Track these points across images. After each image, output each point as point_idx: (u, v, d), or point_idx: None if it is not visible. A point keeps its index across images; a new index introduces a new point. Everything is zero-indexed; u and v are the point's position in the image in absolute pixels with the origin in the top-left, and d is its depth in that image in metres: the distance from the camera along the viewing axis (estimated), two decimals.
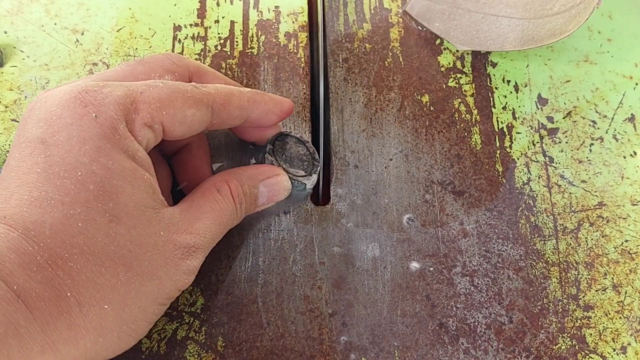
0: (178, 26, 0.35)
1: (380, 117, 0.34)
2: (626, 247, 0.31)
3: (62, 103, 0.23)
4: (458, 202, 0.32)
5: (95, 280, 0.21)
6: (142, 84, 0.24)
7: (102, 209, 0.22)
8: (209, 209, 0.26)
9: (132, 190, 0.23)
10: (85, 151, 0.22)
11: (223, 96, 0.26)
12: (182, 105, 0.25)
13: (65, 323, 0.20)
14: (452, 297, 0.29)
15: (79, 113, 0.22)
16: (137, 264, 0.22)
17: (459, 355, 0.28)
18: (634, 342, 0.29)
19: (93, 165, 0.22)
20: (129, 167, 0.23)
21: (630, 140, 0.34)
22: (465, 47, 0.35)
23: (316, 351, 0.28)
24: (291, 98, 0.34)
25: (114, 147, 0.22)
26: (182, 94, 0.25)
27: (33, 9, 0.35)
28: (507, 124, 0.34)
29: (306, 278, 0.29)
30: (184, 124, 0.25)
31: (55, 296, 0.20)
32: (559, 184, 0.33)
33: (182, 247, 0.24)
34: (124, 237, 0.22)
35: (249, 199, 0.28)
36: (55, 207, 0.21)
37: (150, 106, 0.24)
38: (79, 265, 0.21)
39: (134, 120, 0.23)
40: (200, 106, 0.25)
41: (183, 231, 0.24)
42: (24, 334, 0.19)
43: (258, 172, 0.28)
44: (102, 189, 0.22)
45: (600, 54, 0.37)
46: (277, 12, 0.36)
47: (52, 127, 0.22)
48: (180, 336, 0.28)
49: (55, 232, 0.21)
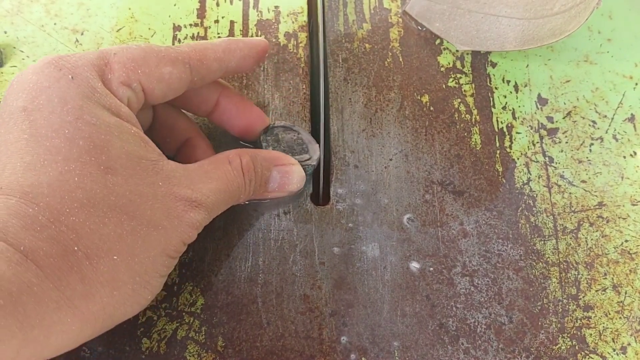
0: (178, 26, 0.35)
1: (380, 117, 0.34)
2: (626, 247, 0.31)
3: (36, 70, 0.23)
4: (458, 202, 0.32)
5: (100, 232, 0.21)
6: (115, 47, 0.25)
7: (95, 162, 0.22)
8: (216, 175, 0.26)
9: (121, 143, 0.23)
10: (68, 110, 0.22)
11: (198, 52, 0.27)
12: (157, 64, 0.25)
13: (78, 277, 0.21)
14: (452, 297, 0.29)
15: (55, 76, 0.23)
16: (140, 214, 0.23)
17: (459, 355, 0.28)
18: (634, 342, 0.29)
19: (78, 123, 0.22)
20: (113, 122, 0.23)
21: (630, 140, 0.34)
22: (465, 47, 0.35)
23: (316, 351, 0.28)
24: (291, 98, 0.34)
25: (95, 104, 0.23)
26: (156, 53, 0.25)
27: (33, 9, 0.35)
28: (507, 124, 0.34)
29: (306, 278, 0.29)
30: (162, 81, 0.25)
31: (63, 252, 0.20)
32: (559, 184, 0.33)
33: (184, 200, 0.24)
34: (122, 186, 0.22)
35: (259, 179, 0.28)
36: (50, 167, 0.21)
37: (124, 65, 0.24)
38: (81, 219, 0.21)
39: (111, 80, 0.24)
40: (177, 64, 0.26)
41: (184, 186, 0.24)
42: (38, 292, 0.19)
43: (274, 157, 0.29)
44: (91, 144, 0.22)
45: (600, 54, 0.37)
46: (277, 12, 0.36)
47: (30, 94, 0.22)
48: (180, 336, 0.28)
49: (53, 190, 0.21)
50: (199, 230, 0.25)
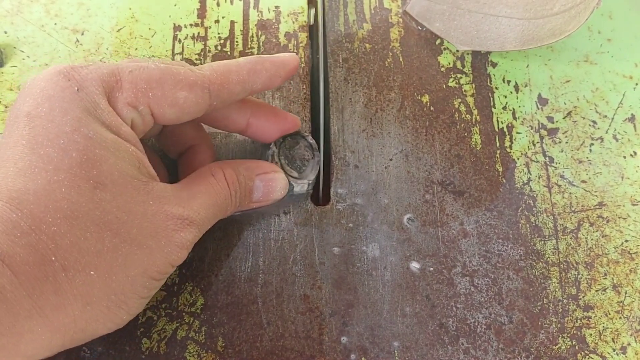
0: (178, 26, 0.35)
1: (381, 117, 0.34)
2: (626, 247, 0.31)
3: (46, 77, 0.23)
4: (458, 202, 0.32)
5: (80, 245, 0.21)
6: (133, 64, 0.24)
7: (85, 175, 0.22)
8: (203, 189, 0.26)
9: (115, 159, 0.23)
10: (67, 121, 0.22)
11: (220, 75, 0.26)
12: (172, 88, 0.24)
13: (52, 288, 0.20)
14: (452, 297, 0.29)
15: (61, 86, 0.23)
16: (125, 231, 0.22)
17: (459, 356, 0.28)
18: (634, 342, 0.29)
19: (75, 134, 0.22)
20: (110, 139, 0.23)
21: (630, 140, 0.34)
22: (465, 47, 0.35)
23: (316, 351, 0.28)
24: (291, 98, 0.34)
25: (94, 119, 0.23)
26: (174, 76, 0.24)
27: (33, 9, 0.35)
28: (507, 124, 0.34)
29: (306, 278, 0.29)
30: (174, 106, 0.25)
31: (40, 260, 0.20)
32: (559, 184, 0.33)
33: (175, 218, 0.24)
34: (110, 203, 0.22)
35: (244, 190, 0.27)
36: (39, 175, 0.21)
37: (135, 86, 0.24)
38: (63, 230, 0.21)
39: (117, 99, 0.23)
40: (194, 88, 0.25)
41: (175, 204, 0.24)
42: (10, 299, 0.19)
43: (256, 166, 0.28)
44: (85, 157, 0.22)
45: (600, 54, 0.37)
46: (277, 12, 0.36)
47: (36, 100, 0.22)
48: (180, 336, 0.28)
49: (39, 198, 0.21)
50: (189, 250, 0.25)
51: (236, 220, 0.30)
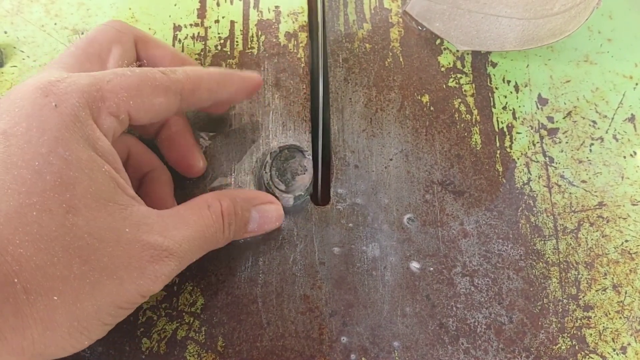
0: (178, 26, 0.35)
1: (381, 117, 0.34)
2: (626, 247, 0.31)
3: (24, 95, 0.23)
4: (458, 202, 0.32)
5: (45, 269, 0.21)
6: (110, 73, 0.24)
7: (58, 199, 0.21)
8: (192, 220, 0.25)
9: (90, 182, 0.22)
10: (44, 142, 0.22)
11: (192, 81, 0.26)
12: (150, 94, 0.24)
13: (12, 309, 0.20)
14: (452, 297, 0.29)
15: (39, 103, 0.22)
16: (95, 259, 0.22)
17: (459, 355, 0.28)
18: (634, 342, 0.29)
19: (50, 156, 0.22)
20: (86, 159, 0.22)
21: (630, 140, 0.34)
22: (465, 47, 0.35)
23: (316, 351, 0.28)
24: (291, 98, 0.34)
25: (72, 136, 0.22)
26: (151, 82, 0.24)
27: (33, 9, 0.35)
28: (507, 124, 0.34)
29: (306, 278, 0.29)
30: (150, 111, 0.25)
31: (2, 282, 0.20)
32: (559, 184, 0.33)
33: (152, 249, 0.23)
34: (82, 229, 0.22)
35: (240, 221, 0.27)
36: (12, 196, 0.21)
37: (117, 95, 0.24)
38: (29, 253, 0.21)
39: (100, 109, 0.23)
40: (169, 94, 0.25)
41: (156, 232, 0.23)
42: None
43: (253, 197, 0.28)
44: (59, 180, 0.22)
45: (600, 54, 0.37)
46: (277, 12, 0.36)
47: (13, 119, 0.22)
48: (180, 336, 0.28)
49: (9, 220, 0.21)
50: (165, 282, 0.24)
51: None
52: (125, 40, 0.27)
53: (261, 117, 0.33)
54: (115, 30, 0.27)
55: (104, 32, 0.27)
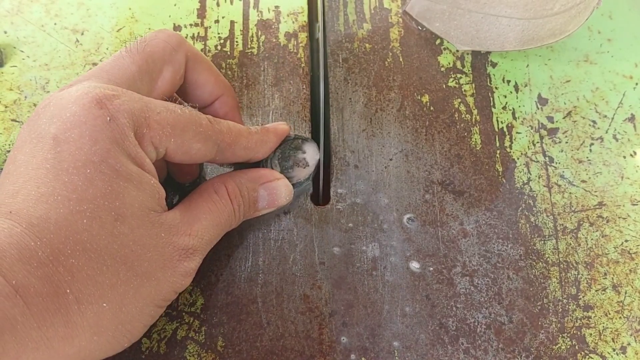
0: (178, 26, 0.35)
1: (380, 117, 0.34)
2: (626, 247, 0.31)
3: (78, 102, 0.23)
4: (458, 202, 0.32)
5: (96, 278, 0.21)
6: (161, 105, 0.24)
7: (108, 207, 0.22)
8: (206, 210, 0.26)
9: (137, 192, 0.23)
10: (96, 151, 0.22)
11: (232, 136, 0.27)
12: (191, 138, 0.25)
13: (62, 319, 0.20)
14: (452, 297, 0.29)
15: (94, 114, 0.22)
16: (138, 264, 0.23)
17: (459, 355, 0.28)
18: (634, 342, 0.29)
19: (102, 165, 0.22)
20: (135, 171, 0.23)
21: (630, 140, 0.34)
22: (465, 47, 0.35)
23: (316, 351, 0.28)
24: (291, 98, 0.34)
25: (122, 151, 0.23)
26: (196, 127, 0.25)
27: (33, 9, 0.35)
28: (507, 124, 0.34)
29: (306, 278, 0.29)
30: (186, 154, 0.25)
31: (54, 292, 0.20)
32: (559, 183, 0.33)
33: (181, 249, 0.24)
34: (127, 236, 0.22)
35: (248, 202, 0.28)
36: (62, 203, 0.21)
37: (162, 129, 0.24)
38: (81, 262, 0.21)
39: (144, 135, 0.24)
40: (208, 142, 0.26)
41: (182, 233, 0.25)
42: (20, 330, 0.19)
43: (258, 175, 0.28)
44: (109, 188, 0.22)
45: (600, 54, 0.37)
46: (277, 12, 0.36)
47: (65, 124, 0.22)
48: (180, 336, 0.28)
49: (60, 228, 0.21)
50: (192, 277, 0.25)
51: None
52: (178, 61, 0.27)
53: (261, 117, 0.33)
54: (171, 48, 0.27)
55: (161, 50, 0.27)
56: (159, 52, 0.26)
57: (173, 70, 0.27)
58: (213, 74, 0.29)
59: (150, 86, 0.26)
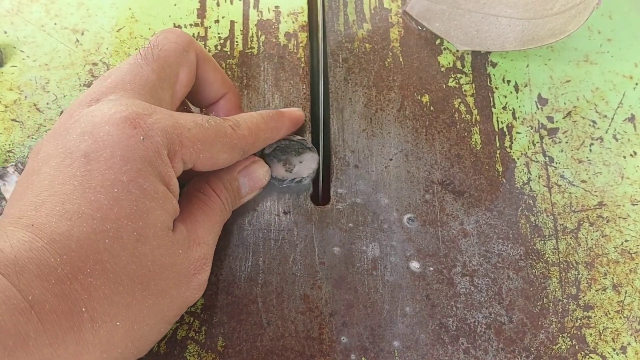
0: (178, 26, 0.35)
1: (380, 117, 0.34)
2: (626, 247, 0.31)
3: (111, 121, 0.23)
4: (458, 202, 0.32)
5: (112, 298, 0.21)
6: (190, 121, 0.25)
7: (131, 227, 0.22)
8: (200, 212, 0.26)
9: (161, 212, 0.23)
10: (126, 171, 0.22)
11: (254, 135, 0.28)
12: (219, 150, 0.26)
13: (75, 337, 0.20)
14: (452, 297, 0.29)
15: (127, 133, 0.22)
16: (154, 284, 0.23)
17: (459, 355, 0.28)
18: (634, 342, 0.29)
19: (130, 185, 0.22)
20: (162, 191, 0.23)
21: (630, 140, 0.34)
22: (465, 47, 0.35)
23: (316, 351, 0.28)
24: (291, 98, 0.34)
25: (153, 170, 0.23)
26: (222, 139, 0.26)
27: (33, 9, 0.35)
28: (507, 124, 0.34)
29: (306, 278, 0.29)
30: (214, 165, 0.26)
31: (69, 310, 0.20)
32: (559, 183, 0.33)
33: (195, 261, 0.25)
34: (147, 257, 0.22)
35: (232, 192, 0.28)
36: (85, 222, 0.21)
37: (193, 146, 0.24)
38: (99, 282, 0.21)
39: (176, 152, 0.24)
40: (234, 151, 0.26)
41: (193, 243, 0.25)
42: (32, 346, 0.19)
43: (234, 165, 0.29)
44: (134, 207, 0.22)
45: (600, 54, 0.37)
46: (277, 12, 0.36)
47: (97, 143, 0.22)
48: (180, 336, 0.28)
49: (81, 247, 0.21)
50: (204, 289, 0.26)
51: (236, 220, 0.30)
52: (191, 61, 0.28)
53: None
54: (182, 49, 0.27)
55: (174, 53, 0.27)
56: (172, 55, 0.27)
57: (188, 72, 0.27)
58: (219, 73, 0.30)
59: (170, 92, 0.27)
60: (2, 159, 0.31)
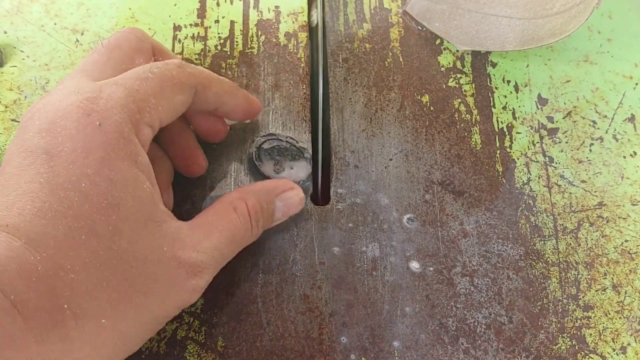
0: (178, 26, 0.35)
1: (380, 117, 0.34)
2: (626, 247, 0.31)
3: (65, 114, 0.22)
4: (458, 202, 0.32)
5: (95, 294, 0.21)
6: (134, 79, 0.24)
7: (105, 221, 0.21)
8: (221, 227, 0.25)
9: (133, 202, 0.22)
10: (89, 162, 0.22)
11: (205, 78, 0.26)
12: (171, 94, 0.24)
13: (60, 335, 0.20)
14: (452, 297, 0.29)
15: (82, 123, 0.22)
16: (140, 281, 0.22)
17: (459, 355, 0.28)
18: (634, 342, 0.29)
19: (96, 177, 0.22)
20: (130, 177, 0.22)
21: (630, 140, 0.34)
22: (465, 47, 0.35)
23: (316, 351, 0.28)
24: (291, 98, 0.34)
25: (117, 155, 0.22)
26: (170, 82, 0.25)
27: (33, 9, 0.35)
28: (507, 124, 0.34)
29: (306, 278, 0.29)
30: (173, 111, 0.25)
31: (53, 307, 0.20)
32: (559, 184, 0.33)
33: (187, 266, 0.23)
34: (126, 251, 0.22)
35: (266, 215, 0.27)
36: (59, 220, 0.21)
37: (148, 104, 0.23)
38: (80, 278, 0.21)
39: (138, 121, 0.23)
40: (185, 89, 0.25)
41: (189, 248, 0.24)
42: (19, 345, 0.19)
43: (274, 187, 0.28)
44: (105, 201, 0.22)
45: (600, 54, 0.37)
46: (277, 12, 0.36)
47: (56, 138, 0.22)
48: (180, 336, 0.28)
49: (59, 244, 0.21)
50: (200, 293, 0.25)
51: None
52: (146, 50, 0.27)
53: (261, 117, 0.33)
54: (136, 38, 0.27)
55: (127, 40, 0.27)
56: (126, 42, 0.26)
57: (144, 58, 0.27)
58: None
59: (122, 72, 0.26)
60: (2, 159, 0.31)
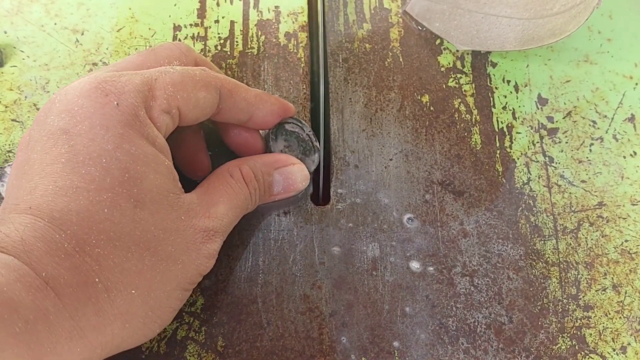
0: (178, 26, 0.35)
1: (380, 117, 0.34)
2: (626, 247, 0.31)
3: (83, 94, 0.23)
4: (458, 202, 0.32)
5: (122, 266, 0.21)
6: (155, 71, 0.25)
7: (127, 194, 0.22)
8: (223, 192, 0.26)
9: (155, 175, 0.23)
10: (109, 138, 0.22)
11: (230, 83, 0.27)
12: (193, 89, 0.25)
13: (93, 309, 0.21)
14: (452, 297, 0.29)
15: (100, 102, 0.23)
16: (162, 249, 0.23)
17: (459, 355, 0.28)
18: (634, 342, 0.29)
19: (117, 152, 0.22)
20: (150, 153, 0.23)
21: (630, 140, 0.34)
22: (465, 47, 0.35)
23: (316, 351, 0.28)
24: (291, 98, 0.34)
25: (135, 133, 0.23)
26: (192, 77, 0.25)
27: (33, 9, 0.35)
28: (507, 124, 0.34)
29: (306, 278, 0.29)
30: (197, 107, 0.25)
31: (83, 282, 0.20)
32: (559, 184, 0.33)
33: (202, 231, 0.25)
34: (148, 221, 0.22)
35: (263, 186, 0.28)
36: (81, 195, 0.21)
37: (165, 92, 0.24)
38: (106, 251, 0.21)
39: (152, 107, 0.24)
40: (210, 89, 0.26)
41: (202, 215, 0.25)
42: (53, 321, 0.19)
43: (273, 160, 0.29)
44: (126, 175, 0.22)
45: (600, 54, 0.37)
46: (277, 12, 0.36)
47: (74, 118, 0.22)
48: (180, 336, 0.28)
49: (82, 219, 0.21)
50: (215, 258, 0.26)
51: None
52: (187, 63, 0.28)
53: None
54: (179, 50, 0.28)
55: (166, 49, 0.27)
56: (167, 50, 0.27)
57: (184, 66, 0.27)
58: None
59: None
60: (2, 159, 0.31)
